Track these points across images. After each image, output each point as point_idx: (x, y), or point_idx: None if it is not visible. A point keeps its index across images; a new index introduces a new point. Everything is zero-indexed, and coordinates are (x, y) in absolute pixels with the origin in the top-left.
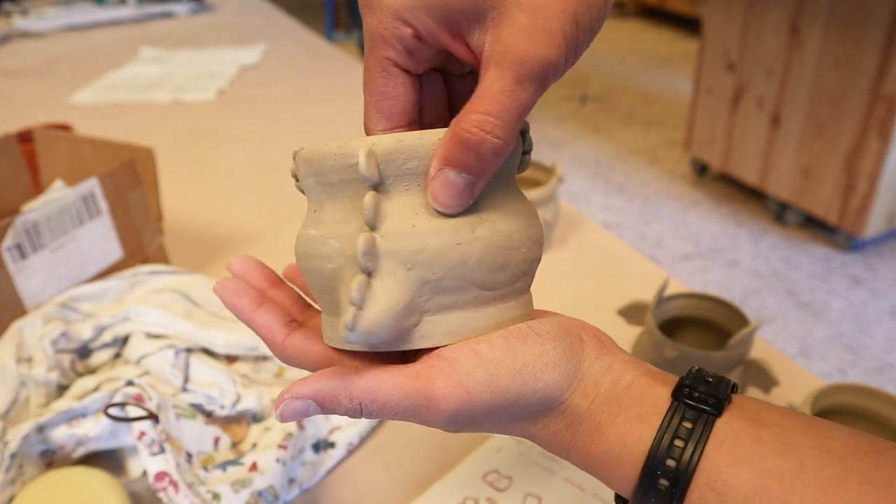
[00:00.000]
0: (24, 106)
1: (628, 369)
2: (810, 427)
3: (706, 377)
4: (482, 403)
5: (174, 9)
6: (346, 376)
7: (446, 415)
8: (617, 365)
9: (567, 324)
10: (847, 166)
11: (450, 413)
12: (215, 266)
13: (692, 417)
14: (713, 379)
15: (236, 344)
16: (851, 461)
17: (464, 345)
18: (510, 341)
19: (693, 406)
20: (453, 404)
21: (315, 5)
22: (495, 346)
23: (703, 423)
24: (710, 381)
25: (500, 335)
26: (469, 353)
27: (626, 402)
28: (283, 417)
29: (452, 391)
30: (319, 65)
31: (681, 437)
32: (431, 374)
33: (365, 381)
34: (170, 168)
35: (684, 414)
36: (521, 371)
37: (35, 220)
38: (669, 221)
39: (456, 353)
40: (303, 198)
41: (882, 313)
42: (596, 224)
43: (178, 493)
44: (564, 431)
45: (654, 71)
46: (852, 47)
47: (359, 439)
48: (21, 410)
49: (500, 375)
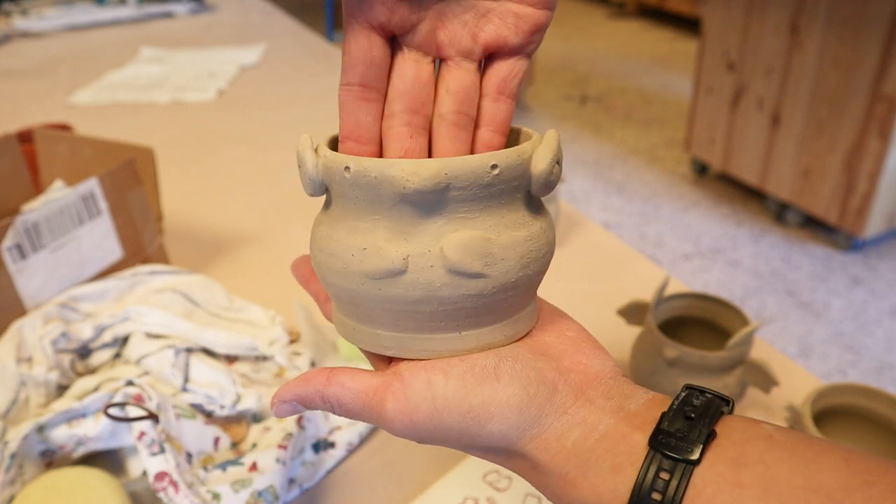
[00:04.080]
0: (24, 106)
1: (604, 418)
2: (799, 460)
3: (689, 413)
4: (427, 432)
5: (174, 9)
6: (320, 381)
7: (394, 432)
8: (591, 416)
9: (544, 368)
10: (847, 166)
11: (398, 433)
12: (215, 266)
13: (669, 468)
14: (696, 413)
15: (236, 344)
16: (840, 499)
17: (422, 371)
18: (466, 380)
19: (669, 456)
20: (399, 427)
21: (315, 5)
22: (450, 382)
23: (680, 472)
24: (692, 417)
25: (462, 369)
26: (423, 383)
27: (598, 454)
28: (277, 415)
29: (398, 416)
30: (319, 65)
31: (657, 490)
32: (385, 395)
33: (332, 388)
34: (170, 168)
35: (661, 464)
36: (466, 414)
37: (35, 220)
38: (669, 221)
39: (413, 377)
40: (302, 198)
41: (882, 313)
42: (596, 224)
43: (178, 493)
44: (531, 472)
45: (654, 71)
46: (852, 47)
47: (359, 439)
48: (21, 410)
49: (444, 413)
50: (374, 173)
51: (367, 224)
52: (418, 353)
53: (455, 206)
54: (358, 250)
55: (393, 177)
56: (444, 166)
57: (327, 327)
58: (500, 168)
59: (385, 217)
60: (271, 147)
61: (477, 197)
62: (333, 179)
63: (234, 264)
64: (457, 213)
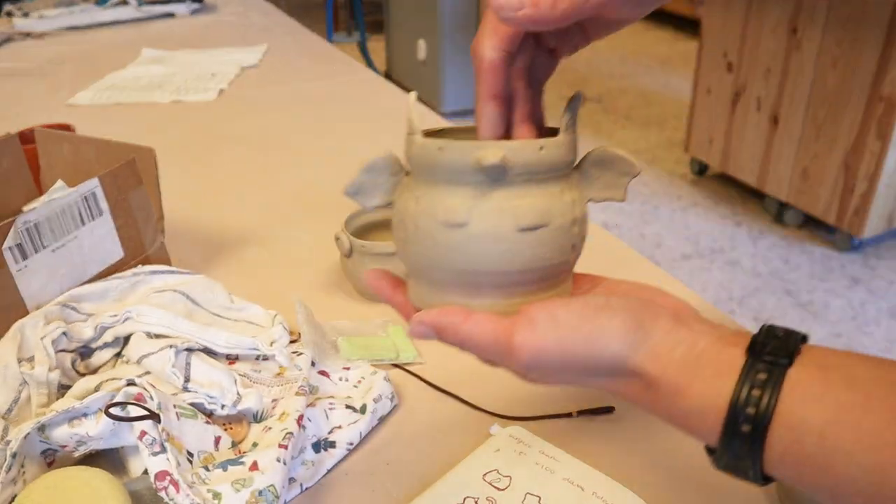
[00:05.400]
0: (26, 106)
1: (701, 337)
2: (875, 364)
3: (776, 334)
4: (552, 359)
5: (175, 9)
6: (457, 317)
7: (521, 362)
8: (690, 336)
9: (647, 300)
10: (846, 166)
11: (524, 362)
12: (216, 266)
13: (766, 369)
14: (783, 334)
15: (237, 344)
16: None
17: (544, 309)
18: (585, 311)
19: (766, 360)
20: (526, 355)
21: (315, 6)
22: (572, 312)
23: (776, 373)
24: (780, 336)
25: (580, 302)
26: (547, 316)
27: (701, 364)
28: (413, 334)
29: (527, 344)
30: (320, 65)
31: (757, 387)
32: (514, 329)
33: (468, 325)
34: (171, 168)
35: (759, 367)
36: (588, 337)
37: (36, 221)
38: (669, 222)
39: (537, 313)
40: (302, 199)
41: (881, 313)
42: (595, 224)
43: (179, 493)
44: (644, 392)
45: (653, 71)
46: (851, 48)
47: (359, 438)
48: (22, 410)
49: (568, 338)
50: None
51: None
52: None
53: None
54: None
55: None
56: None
57: (328, 327)
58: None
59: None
60: (272, 147)
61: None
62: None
63: (234, 264)
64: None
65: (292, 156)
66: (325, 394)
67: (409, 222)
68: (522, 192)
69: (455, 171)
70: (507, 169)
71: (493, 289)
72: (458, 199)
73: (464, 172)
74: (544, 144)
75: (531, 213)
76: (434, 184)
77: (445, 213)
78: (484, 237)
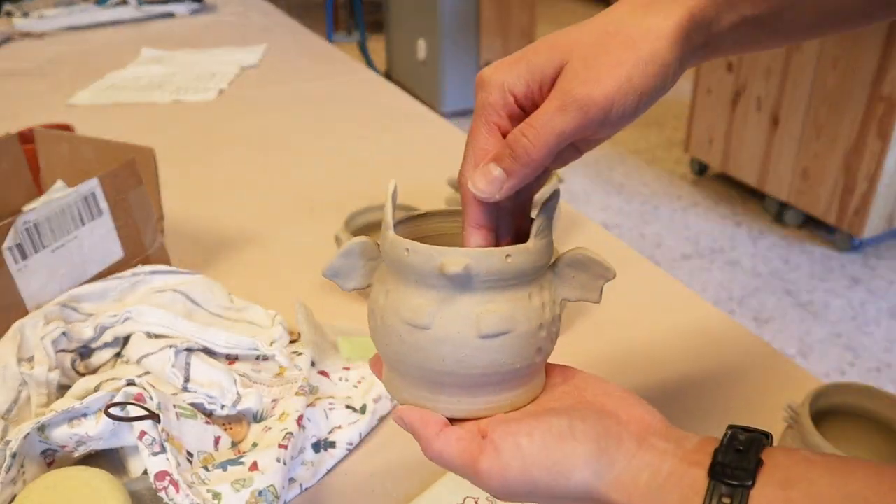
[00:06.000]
0: (25, 106)
1: (665, 459)
2: (836, 475)
3: (737, 446)
4: (518, 486)
5: (175, 9)
6: (431, 430)
7: (488, 488)
8: (655, 459)
9: (611, 415)
10: (846, 166)
11: (491, 487)
12: (216, 266)
13: (729, 493)
14: (745, 445)
15: (237, 344)
16: (875, 503)
17: (510, 436)
18: (547, 439)
19: (729, 483)
20: (493, 482)
21: (315, 6)
22: (535, 443)
23: (738, 496)
24: (741, 449)
25: (543, 429)
26: (512, 445)
27: (667, 489)
28: (395, 421)
29: (492, 473)
30: (320, 65)
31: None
32: (480, 455)
33: (439, 443)
34: (171, 168)
35: (721, 491)
36: (552, 468)
37: (36, 220)
38: (669, 222)
39: (502, 441)
40: (301, 199)
41: (881, 313)
42: (595, 224)
43: (179, 493)
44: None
45: None
46: (851, 48)
47: (359, 438)
48: (22, 410)
49: (533, 468)
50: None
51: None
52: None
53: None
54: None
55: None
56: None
57: (328, 327)
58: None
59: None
60: (272, 147)
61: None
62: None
63: (234, 264)
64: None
65: (292, 156)
66: (324, 394)
67: (378, 315)
68: (487, 299)
69: (421, 273)
70: (471, 277)
71: (456, 388)
72: (422, 300)
73: (429, 276)
74: (512, 252)
75: (494, 320)
76: (403, 281)
77: (410, 313)
78: (445, 342)
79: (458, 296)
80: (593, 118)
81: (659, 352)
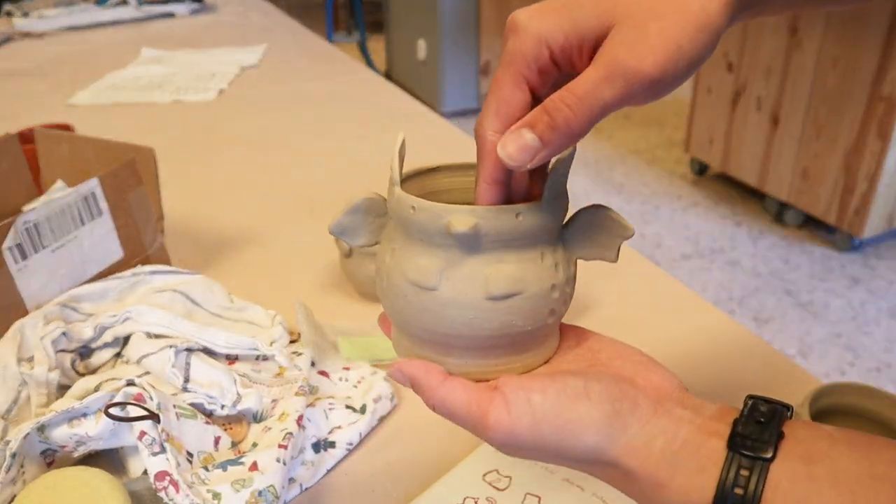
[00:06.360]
0: (25, 106)
1: (682, 427)
2: (861, 453)
3: (758, 418)
4: (525, 442)
5: (175, 9)
6: (435, 378)
7: (494, 441)
8: (670, 425)
9: (628, 379)
10: (846, 166)
11: (497, 441)
12: (216, 266)
13: (748, 465)
14: (766, 416)
15: (237, 344)
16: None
17: (521, 390)
18: (560, 398)
19: (748, 455)
20: (500, 435)
21: (315, 6)
22: (547, 399)
23: (758, 469)
24: (762, 420)
25: (557, 387)
26: (523, 399)
27: (682, 457)
28: (392, 377)
29: (501, 425)
30: (320, 65)
31: (740, 486)
32: (489, 407)
33: (444, 389)
34: (171, 168)
35: (740, 463)
36: (563, 428)
37: (36, 220)
38: (668, 221)
39: (513, 395)
40: (301, 199)
41: (881, 313)
42: None
43: (179, 493)
44: (622, 480)
45: None
46: (851, 48)
47: (359, 439)
48: (22, 410)
49: (542, 426)
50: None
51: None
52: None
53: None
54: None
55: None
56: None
57: (328, 327)
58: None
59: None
60: (272, 147)
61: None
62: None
63: (234, 264)
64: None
65: (292, 156)
66: (324, 394)
67: (384, 275)
68: (496, 259)
69: (427, 232)
70: (479, 236)
71: (465, 350)
72: (429, 260)
73: (436, 235)
74: (523, 210)
75: (503, 281)
76: (409, 240)
77: (416, 274)
78: (452, 304)
79: (466, 256)
80: (640, 90)
81: (659, 352)
